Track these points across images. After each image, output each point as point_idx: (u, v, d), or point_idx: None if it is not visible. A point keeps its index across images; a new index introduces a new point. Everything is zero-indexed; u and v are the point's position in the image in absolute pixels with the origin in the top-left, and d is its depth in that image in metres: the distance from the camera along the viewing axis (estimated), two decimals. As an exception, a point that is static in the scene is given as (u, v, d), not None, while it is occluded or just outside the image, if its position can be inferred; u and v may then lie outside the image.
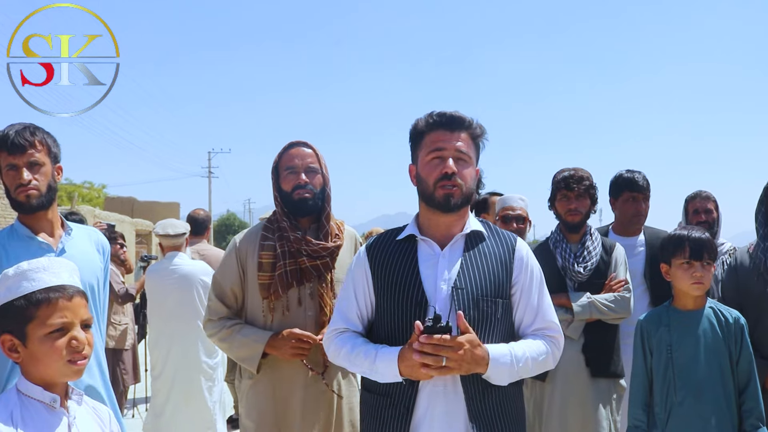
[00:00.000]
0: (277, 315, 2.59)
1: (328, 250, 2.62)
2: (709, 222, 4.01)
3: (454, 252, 2.06)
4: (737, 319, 2.56)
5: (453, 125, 2.04)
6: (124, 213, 19.02)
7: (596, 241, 3.36)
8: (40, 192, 2.40)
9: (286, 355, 2.52)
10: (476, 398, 1.96)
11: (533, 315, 2.09)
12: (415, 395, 1.97)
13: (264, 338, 2.54)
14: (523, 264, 2.11)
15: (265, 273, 2.60)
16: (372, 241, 2.19)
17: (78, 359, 1.60)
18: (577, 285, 3.26)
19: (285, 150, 2.70)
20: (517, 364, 1.97)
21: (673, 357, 2.54)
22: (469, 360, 1.85)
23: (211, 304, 2.70)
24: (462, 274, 2.01)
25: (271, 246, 2.63)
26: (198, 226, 5.67)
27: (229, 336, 2.61)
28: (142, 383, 6.41)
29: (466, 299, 1.98)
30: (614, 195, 3.74)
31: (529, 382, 3.32)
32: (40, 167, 2.40)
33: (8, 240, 2.41)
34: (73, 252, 2.45)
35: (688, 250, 2.57)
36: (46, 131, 2.46)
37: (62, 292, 1.61)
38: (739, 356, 2.53)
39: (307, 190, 2.61)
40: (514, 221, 3.85)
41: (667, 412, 2.53)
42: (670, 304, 2.68)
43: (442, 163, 2.02)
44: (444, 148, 2.03)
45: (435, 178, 2.03)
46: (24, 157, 2.37)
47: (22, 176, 2.36)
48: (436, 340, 1.81)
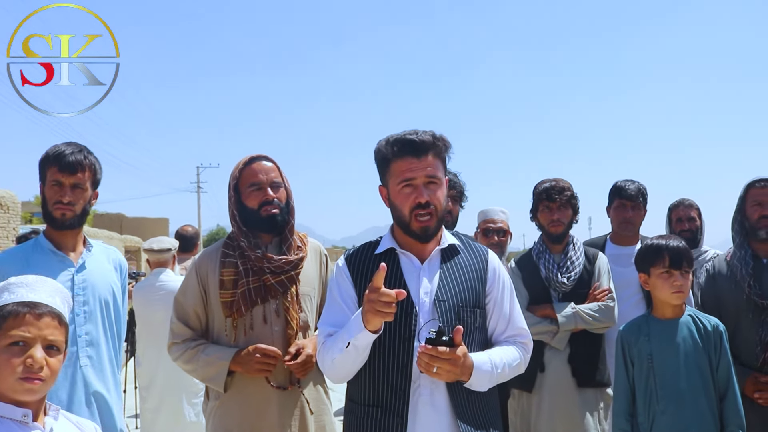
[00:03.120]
0: (240, 333, 2.52)
1: (291, 264, 2.56)
2: (692, 230, 4.04)
3: (433, 265, 2.14)
4: (716, 326, 2.58)
5: (419, 151, 2.05)
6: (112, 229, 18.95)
7: (579, 250, 3.38)
8: (75, 213, 2.53)
9: (251, 371, 2.45)
10: (461, 403, 2.04)
11: (505, 323, 2.18)
12: (406, 404, 2.02)
13: (229, 355, 2.46)
14: (495, 275, 2.19)
15: (227, 291, 2.53)
16: (349, 253, 2.22)
17: (33, 378, 1.55)
18: (562, 295, 3.29)
19: (246, 165, 2.60)
20: (496, 370, 2.05)
21: (654, 366, 2.56)
22: (458, 371, 1.93)
23: (174, 326, 2.62)
24: (442, 287, 2.09)
25: (232, 263, 2.56)
26: (186, 242, 5.67)
27: (194, 357, 2.53)
28: (131, 400, 6.37)
29: (448, 310, 2.06)
30: (609, 203, 3.77)
31: (516, 393, 3.36)
32: (82, 191, 2.54)
33: (32, 253, 2.52)
34: (91, 268, 2.57)
35: (668, 259, 2.58)
36: (95, 157, 2.59)
37: (32, 308, 1.59)
38: (718, 363, 2.55)
39: (275, 206, 2.55)
40: (495, 234, 3.88)
41: (650, 422, 2.55)
42: (650, 314, 2.69)
43: (414, 192, 2.05)
44: (414, 177, 2.05)
45: (409, 207, 2.06)
46: (72, 178, 2.50)
47: (64, 195, 2.50)
48: (435, 351, 1.87)
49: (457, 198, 3.59)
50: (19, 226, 15.35)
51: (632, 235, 3.69)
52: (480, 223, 3.98)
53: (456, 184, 3.57)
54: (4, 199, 14.69)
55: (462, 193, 3.61)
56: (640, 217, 3.70)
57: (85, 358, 2.47)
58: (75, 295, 2.46)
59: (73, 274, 2.51)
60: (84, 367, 2.46)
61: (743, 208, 3.05)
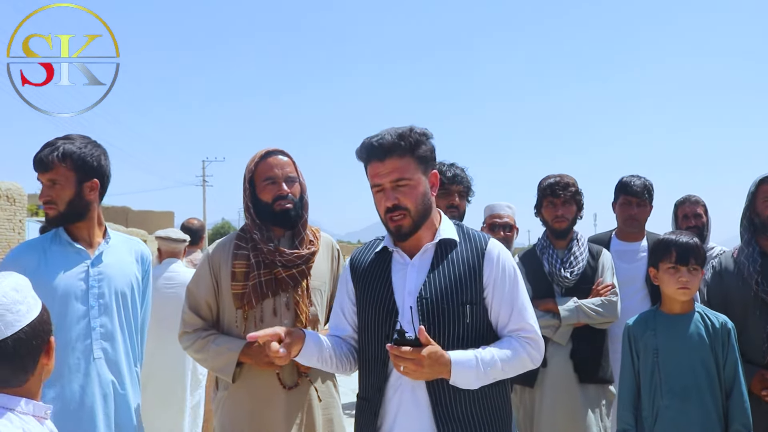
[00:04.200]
0: (250, 325, 2.53)
1: (302, 258, 2.58)
2: (698, 226, 4.03)
3: (424, 261, 2.12)
4: (724, 323, 2.57)
5: (382, 154, 2.05)
6: (118, 222, 19.02)
7: (583, 246, 3.38)
8: (58, 210, 2.51)
9: (261, 363, 2.47)
10: (443, 402, 2.01)
11: (508, 315, 2.11)
12: (381, 400, 2.07)
13: (239, 346, 2.50)
14: (493, 264, 2.11)
15: (238, 282, 2.56)
16: (355, 252, 2.29)
17: None
18: (564, 290, 3.28)
19: (261, 159, 2.63)
20: (485, 367, 1.99)
21: (659, 361, 2.55)
22: (428, 369, 1.91)
23: (186, 316, 2.64)
24: (427, 284, 2.07)
25: (244, 255, 2.58)
26: (192, 235, 5.67)
27: (204, 347, 2.56)
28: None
29: (430, 308, 2.04)
30: (614, 199, 3.75)
31: (518, 389, 3.34)
32: (62, 187, 2.50)
33: (50, 244, 2.51)
34: (108, 260, 2.56)
35: (675, 254, 2.58)
36: (79, 145, 2.51)
37: None
38: (725, 360, 2.53)
39: (289, 201, 2.57)
40: (501, 229, 3.87)
41: (654, 416, 2.54)
42: (658, 309, 2.69)
43: (384, 196, 2.08)
44: (380, 183, 2.07)
45: (382, 212, 2.10)
46: (45, 175, 2.49)
47: (44, 193, 2.51)
48: (398, 351, 1.88)
49: (464, 193, 3.57)
50: (25, 219, 15.42)
51: (637, 232, 3.68)
52: (486, 218, 3.98)
53: (463, 179, 3.55)
54: (11, 191, 14.75)
55: (469, 188, 3.60)
56: (646, 214, 3.68)
57: (99, 351, 2.45)
58: (90, 287, 2.46)
59: (89, 266, 2.49)
60: (98, 360, 2.45)
61: (753, 204, 3.03)
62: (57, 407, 2.29)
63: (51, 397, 2.30)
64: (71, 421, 2.32)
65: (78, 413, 2.37)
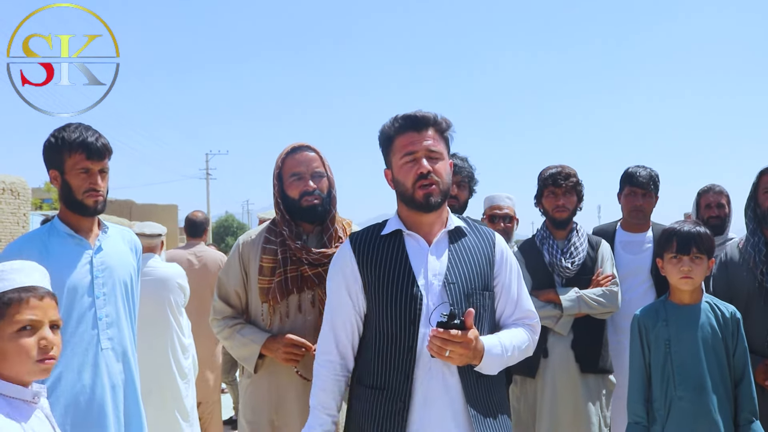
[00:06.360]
0: (275, 319, 2.59)
1: (328, 257, 2.54)
2: (720, 216, 3.94)
3: (440, 247, 2.12)
4: (733, 313, 2.56)
5: (419, 125, 2.10)
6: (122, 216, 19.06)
7: (582, 237, 3.38)
8: (105, 199, 2.50)
9: (279, 359, 2.53)
10: (470, 385, 2.04)
11: (513, 306, 2.19)
12: (410, 388, 2.01)
13: (261, 339, 2.55)
14: (503, 258, 2.19)
15: (264, 277, 2.59)
16: (354, 236, 2.20)
17: (47, 358, 1.63)
18: (565, 281, 3.28)
19: (288, 155, 2.64)
20: (506, 354, 2.06)
21: (672, 352, 2.53)
22: (470, 354, 1.93)
23: (216, 304, 2.71)
24: (451, 269, 2.08)
25: (272, 250, 2.60)
26: (196, 228, 5.68)
27: (231, 335, 2.63)
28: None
29: (458, 293, 2.05)
30: (620, 189, 3.73)
31: (519, 380, 3.35)
32: (106, 175, 2.50)
33: (48, 237, 2.46)
34: (108, 250, 2.53)
35: (675, 244, 2.56)
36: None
37: (33, 291, 1.65)
38: (735, 350, 2.53)
39: (316, 196, 2.57)
40: (502, 220, 3.86)
41: (667, 408, 2.52)
42: (667, 299, 2.66)
43: (416, 164, 2.07)
44: (415, 150, 2.08)
45: (412, 179, 2.08)
46: (99, 164, 2.45)
47: (96, 182, 2.44)
48: (447, 335, 1.87)
49: (466, 183, 3.54)
50: (29, 212, 15.46)
51: (643, 223, 3.66)
52: (486, 210, 3.96)
53: (464, 169, 3.53)
54: (15, 185, 14.79)
55: (472, 178, 3.58)
56: (651, 205, 3.66)
57: (106, 340, 2.44)
58: (95, 278, 2.44)
59: (92, 256, 2.47)
60: (105, 350, 2.44)
61: (756, 195, 3.03)
62: (67, 400, 2.31)
63: (61, 390, 2.30)
64: (82, 415, 2.34)
65: (89, 406, 2.37)
